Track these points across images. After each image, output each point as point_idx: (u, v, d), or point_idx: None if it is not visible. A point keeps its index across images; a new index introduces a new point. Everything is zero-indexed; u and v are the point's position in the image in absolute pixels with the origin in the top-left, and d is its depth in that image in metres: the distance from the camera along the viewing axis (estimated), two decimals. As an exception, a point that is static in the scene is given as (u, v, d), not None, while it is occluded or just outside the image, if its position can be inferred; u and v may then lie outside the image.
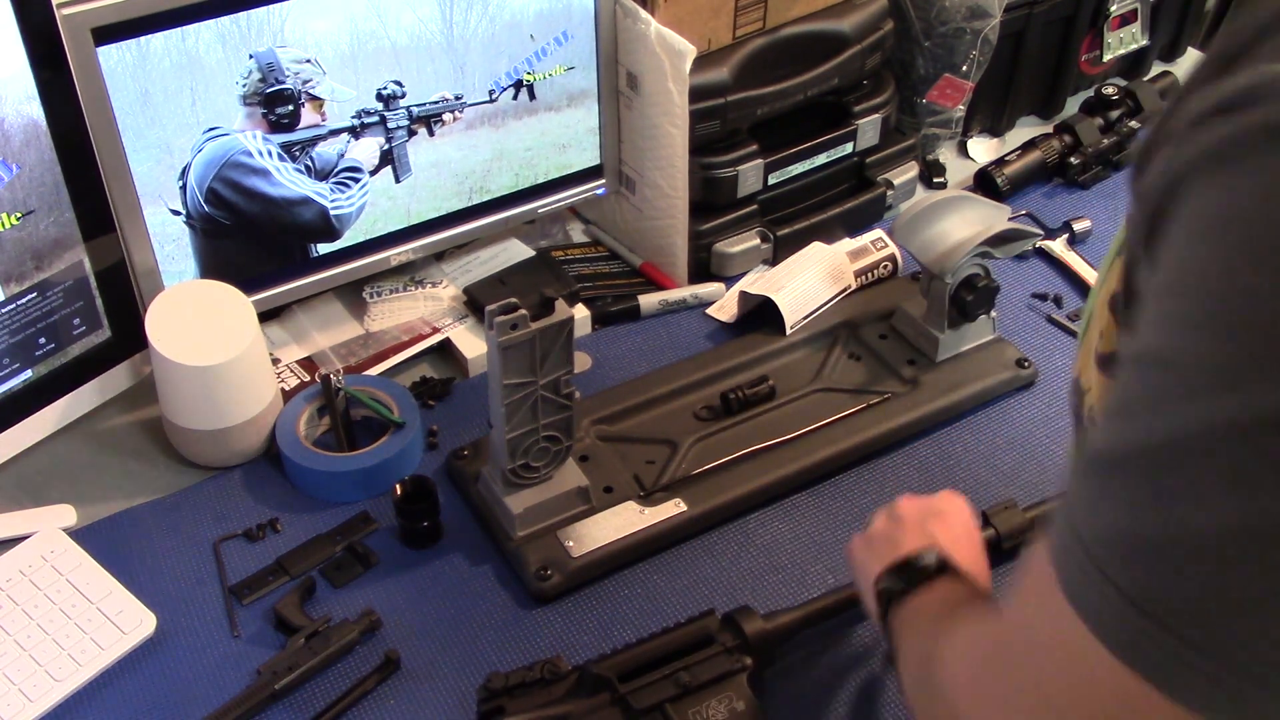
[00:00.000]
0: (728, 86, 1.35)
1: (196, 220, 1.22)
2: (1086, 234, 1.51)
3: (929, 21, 1.51)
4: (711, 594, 1.13)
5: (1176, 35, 1.81)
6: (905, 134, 1.56)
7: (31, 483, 1.22)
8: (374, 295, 1.40)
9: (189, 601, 1.12)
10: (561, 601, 1.12)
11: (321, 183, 1.27)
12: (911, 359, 1.33)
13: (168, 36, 1.12)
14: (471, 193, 1.37)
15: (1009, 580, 1.04)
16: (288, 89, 1.20)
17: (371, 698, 1.05)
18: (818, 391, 1.30)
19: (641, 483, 1.20)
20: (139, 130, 1.15)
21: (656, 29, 1.29)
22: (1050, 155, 1.58)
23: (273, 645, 1.08)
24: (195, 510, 1.20)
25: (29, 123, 1.10)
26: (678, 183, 1.36)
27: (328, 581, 1.13)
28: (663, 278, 1.45)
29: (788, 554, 1.17)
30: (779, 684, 1.06)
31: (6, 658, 1.05)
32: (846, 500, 1.22)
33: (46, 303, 1.18)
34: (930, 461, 1.26)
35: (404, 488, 1.16)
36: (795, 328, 1.36)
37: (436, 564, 1.16)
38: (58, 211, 1.15)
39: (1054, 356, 1.37)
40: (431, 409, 1.30)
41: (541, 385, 1.08)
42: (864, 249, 1.43)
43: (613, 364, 1.36)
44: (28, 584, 1.10)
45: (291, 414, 1.24)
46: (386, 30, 1.22)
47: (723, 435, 1.25)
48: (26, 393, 1.20)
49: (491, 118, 1.34)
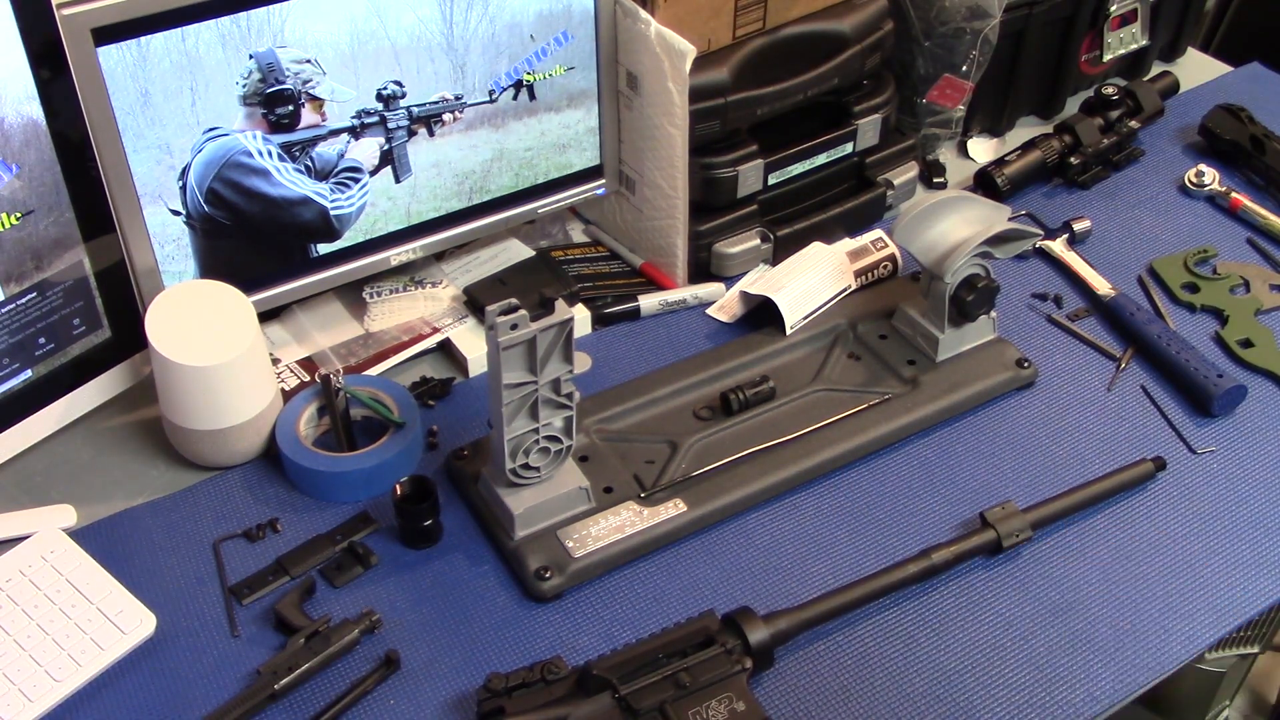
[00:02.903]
0: (728, 86, 1.35)
1: (196, 220, 1.22)
2: (1086, 234, 1.51)
3: (929, 21, 1.51)
4: (711, 594, 1.13)
5: (1176, 35, 1.81)
6: (905, 134, 1.56)
7: (31, 483, 1.22)
8: (374, 295, 1.40)
9: (189, 601, 1.12)
10: (561, 601, 1.12)
11: (321, 183, 1.27)
12: (911, 359, 1.33)
13: (168, 37, 1.12)
14: (471, 193, 1.37)
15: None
16: (288, 89, 1.20)
17: (371, 698, 1.05)
18: (818, 391, 1.30)
19: (641, 483, 1.20)
20: (139, 130, 1.15)
21: (656, 29, 1.29)
22: (1050, 155, 1.58)
23: (272, 645, 1.08)
24: (195, 510, 1.20)
25: (29, 123, 1.10)
26: (678, 183, 1.36)
27: (327, 581, 1.13)
28: (663, 278, 1.45)
29: (788, 554, 1.17)
30: (779, 684, 1.06)
31: (6, 658, 1.05)
32: (846, 500, 1.22)
33: (46, 303, 1.18)
34: (930, 461, 1.26)
35: (404, 488, 1.16)
36: (795, 328, 1.36)
37: (436, 564, 1.16)
38: (58, 211, 1.15)
39: (1054, 356, 1.37)
40: (431, 409, 1.30)
41: (541, 385, 1.09)
42: (864, 249, 1.43)
43: (613, 364, 1.36)
44: (28, 584, 1.10)
45: (291, 414, 1.24)
46: (386, 30, 1.22)
47: (723, 435, 1.26)
48: (26, 393, 1.20)
49: (491, 118, 1.34)
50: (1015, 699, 1.06)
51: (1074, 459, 1.25)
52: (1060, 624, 1.11)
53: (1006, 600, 1.13)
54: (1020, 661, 1.08)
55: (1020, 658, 1.09)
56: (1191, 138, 1.66)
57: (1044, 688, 1.06)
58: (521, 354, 1.06)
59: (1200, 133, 1.65)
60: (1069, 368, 1.36)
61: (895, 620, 1.11)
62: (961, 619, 1.11)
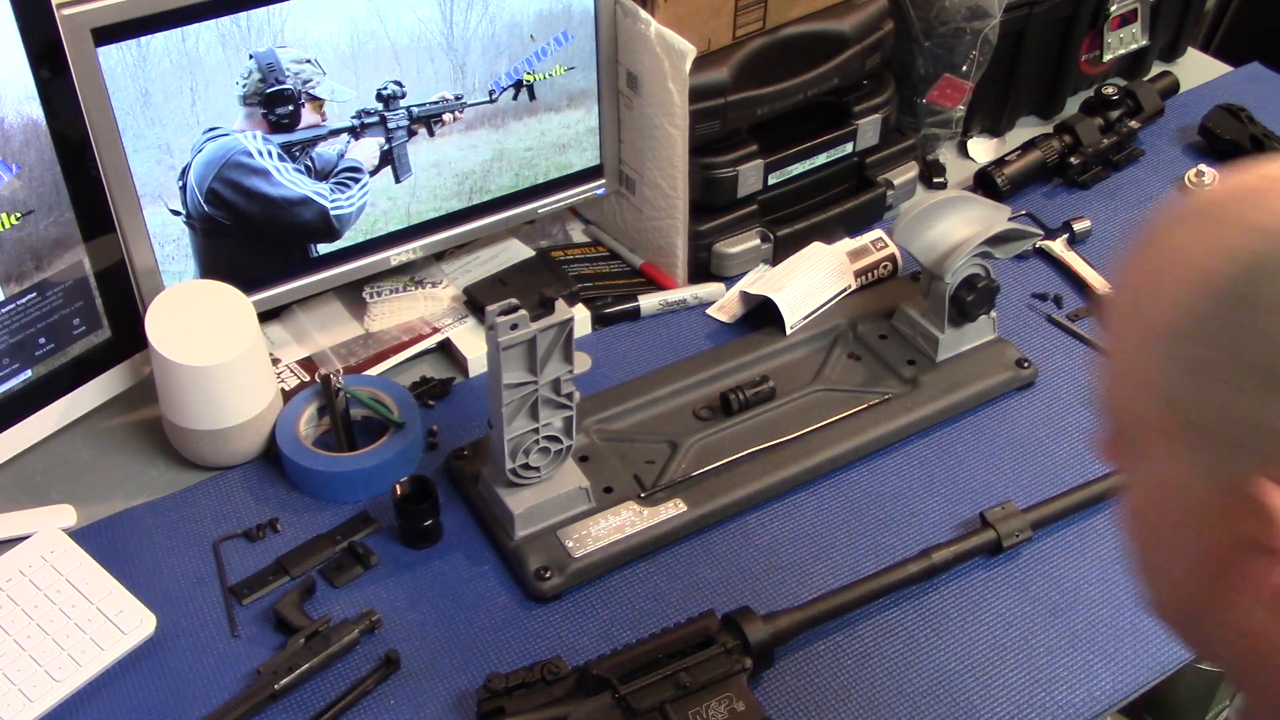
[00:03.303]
0: (728, 86, 1.35)
1: (196, 220, 1.22)
2: (1086, 234, 1.51)
3: (929, 21, 1.51)
4: (711, 594, 1.13)
5: (1176, 35, 1.81)
6: (905, 134, 1.56)
7: (31, 483, 1.22)
8: (374, 295, 1.40)
9: (189, 601, 1.12)
10: (561, 601, 1.12)
11: (321, 183, 1.27)
12: (911, 359, 1.33)
13: (168, 37, 1.12)
14: (471, 193, 1.37)
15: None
16: (288, 89, 1.20)
17: (371, 698, 1.05)
18: (818, 391, 1.30)
19: (641, 483, 1.20)
20: (139, 130, 1.15)
21: (656, 29, 1.29)
22: (1050, 155, 1.58)
23: (272, 645, 1.08)
24: (195, 510, 1.20)
25: (29, 123, 1.10)
26: (678, 183, 1.36)
27: (327, 581, 1.13)
28: (663, 278, 1.45)
29: (788, 554, 1.17)
30: (779, 684, 1.06)
31: (6, 658, 1.05)
32: (846, 500, 1.22)
33: (46, 303, 1.18)
34: (930, 461, 1.26)
35: (404, 488, 1.16)
36: (795, 328, 1.36)
37: (436, 564, 1.16)
38: (58, 211, 1.15)
39: (1054, 357, 1.37)
40: (431, 409, 1.30)
41: (541, 385, 1.09)
42: (864, 249, 1.43)
43: (613, 364, 1.36)
44: (28, 584, 1.10)
45: (291, 414, 1.24)
46: (386, 30, 1.22)
47: (723, 435, 1.26)
48: (26, 393, 1.20)
49: (491, 118, 1.34)
50: (1015, 699, 1.06)
51: (1074, 459, 1.25)
52: (1060, 624, 1.11)
53: (1006, 600, 1.13)
54: (1020, 661, 1.08)
55: (1020, 658, 1.09)
56: (1191, 138, 1.66)
57: (1044, 688, 1.06)
58: (521, 354, 1.06)
59: (1200, 133, 1.65)
60: (1069, 368, 1.36)
61: (895, 620, 1.11)
62: (961, 619, 1.11)
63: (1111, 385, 0.65)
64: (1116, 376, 0.65)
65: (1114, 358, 0.65)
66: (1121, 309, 0.64)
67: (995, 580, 1.15)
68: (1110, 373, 0.65)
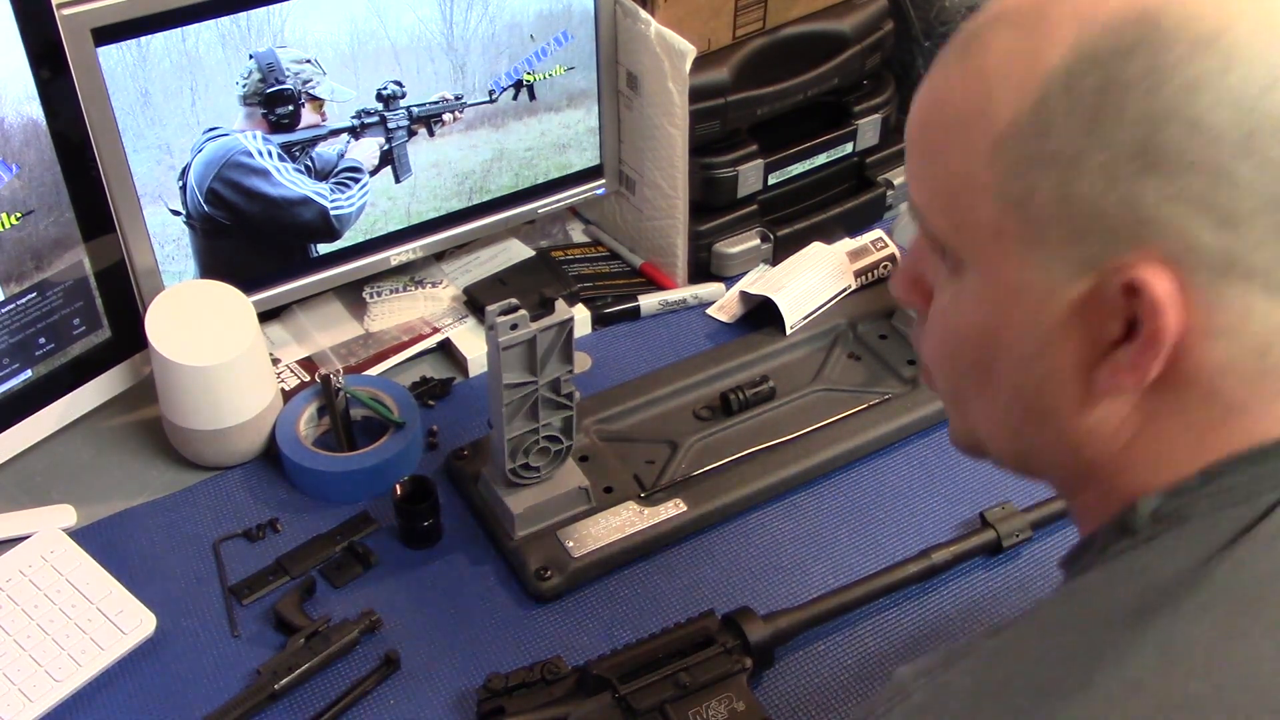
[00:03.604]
0: (728, 86, 1.35)
1: (196, 220, 1.22)
2: (1086, 234, 1.51)
3: (929, 21, 1.51)
4: (711, 594, 1.13)
5: (1176, 35, 1.81)
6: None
7: (31, 483, 1.22)
8: (374, 295, 1.40)
9: (189, 601, 1.12)
10: (561, 601, 1.12)
11: (321, 183, 1.27)
12: (911, 359, 1.33)
13: (168, 37, 1.12)
14: (471, 193, 1.37)
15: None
16: (288, 89, 1.20)
17: (371, 698, 1.05)
18: (818, 391, 1.30)
19: (641, 483, 1.20)
20: (139, 130, 1.15)
21: (656, 29, 1.29)
22: (1050, 155, 1.58)
23: (272, 645, 1.08)
24: (195, 510, 1.20)
25: (29, 123, 1.10)
26: (678, 183, 1.36)
27: (327, 581, 1.13)
28: (663, 278, 1.45)
29: (788, 554, 1.17)
30: (779, 684, 1.06)
31: (6, 658, 1.05)
32: (847, 500, 1.22)
33: (46, 303, 1.18)
34: (930, 461, 1.26)
35: (404, 488, 1.16)
36: (795, 328, 1.36)
37: (436, 564, 1.16)
38: (57, 211, 1.15)
39: (1054, 356, 1.36)
40: (431, 409, 1.30)
41: (541, 385, 1.09)
42: (864, 249, 1.43)
43: (613, 364, 1.36)
44: (28, 584, 1.10)
45: (291, 414, 1.24)
46: (386, 30, 1.22)
47: (723, 435, 1.26)
48: (26, 393, 1.20)
49: (491, 118, 1.34)
50: (1015, 699, 1.05)
51: (1074, 459, 1.25)
52: (1060, 624, 1.11)
53: (1006, 600, 1.13)
54: (1020, 661, 1.08)
55: (1020, 658, 1.08)
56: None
57: (1044, 688, 1.06)
58: (521, 354, 1.06)
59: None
60: (1069, 368, 1.35)
61: (895, 620, 1.11)
62: (961, 619, 1.11)
63: (939, 202, 0.63)
64: (946, 192, 0.62)
65: (942, 172, 0.62)
66: (945, 121, 0.62)
67: (995, 580, 1.15)
68: (936, 190, 0.63)
